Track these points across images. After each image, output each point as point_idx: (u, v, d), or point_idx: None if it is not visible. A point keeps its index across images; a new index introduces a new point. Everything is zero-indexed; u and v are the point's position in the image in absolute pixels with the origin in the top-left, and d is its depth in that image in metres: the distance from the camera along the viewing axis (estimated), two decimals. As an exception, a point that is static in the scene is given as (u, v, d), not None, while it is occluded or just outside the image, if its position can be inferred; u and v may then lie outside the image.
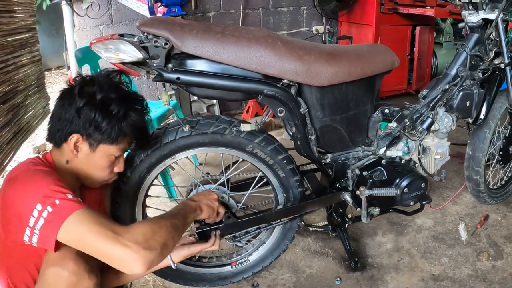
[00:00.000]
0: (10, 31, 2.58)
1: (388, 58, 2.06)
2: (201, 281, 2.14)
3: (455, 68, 2.28)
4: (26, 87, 2.72)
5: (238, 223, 1.95)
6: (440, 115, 2.21)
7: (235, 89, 1.70)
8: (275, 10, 4.98)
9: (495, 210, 2.82)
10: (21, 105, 2.62)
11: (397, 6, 4.83)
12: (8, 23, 2.55)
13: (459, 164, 3.44)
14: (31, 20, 3.00)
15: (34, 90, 2.83)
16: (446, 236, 2.56)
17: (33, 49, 2.98)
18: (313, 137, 1.93)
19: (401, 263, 2.35)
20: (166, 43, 1.57)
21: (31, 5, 3.04)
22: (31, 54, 2.93)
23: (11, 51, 2.54)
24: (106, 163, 1.55)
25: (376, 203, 2.10)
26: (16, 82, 2.58)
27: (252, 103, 4.72)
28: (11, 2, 2.62)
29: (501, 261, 2.34)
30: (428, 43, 5.27)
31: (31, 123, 2.74)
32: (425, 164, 2.27)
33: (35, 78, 2.87)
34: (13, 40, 2.61)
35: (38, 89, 2.90)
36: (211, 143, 1.83)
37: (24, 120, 2.66)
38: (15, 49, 2.61)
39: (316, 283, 2.23)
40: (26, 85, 2.73)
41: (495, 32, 2.32)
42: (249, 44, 1.65)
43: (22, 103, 2.65)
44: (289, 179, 1.99)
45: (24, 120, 2.65)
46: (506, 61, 2.32)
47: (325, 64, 1.78)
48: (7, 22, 2.53)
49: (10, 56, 2.51)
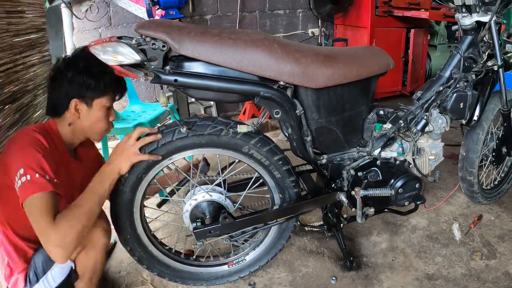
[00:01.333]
0: (19, 31, 2.57)
1: (383, 60, 2.06)
2: (199, 280, 2.14)
3: (449, 70, 2.29)
4: (35, 87, 2.71)
5: (235, 223, 1.95)
6: (434, 116, 2.22)
7: (232, 91, 1.70)
8: (271, 13, 4.98)
9: (489, 210, 2.82)
10: (29, 105, 2.62)
11: (391, 9, 4.83)
12: (17, 23, 2.55)
13: (453, 165, 3.44)
14: (41, 21, 2.98)
15: (43, 89, 2.82)
16: (440, 236, 2.57)
17: (42, 49, 2.96)
18: (309, 138, 1.93)
19: (395, 263, 2.35)
20: (164, 45, 1.57)
21: (41, 6, 3.02)
22: (40, 54, 2.91)
23: (20, 51, 2.53)
24: (102, 114, 1.82)
25: (371, 203, 2.10)
26: (25, 82, 2.57)
27: (249, 105, 4.71)
28: (21, 3, 2.62)
29: (495, 261, 2.34)
30: (423, 45, 5.27)
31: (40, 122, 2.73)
32: (419, 165, 2.27)
33: (44, 78, 2.86)
34: (22, 40, 2.60)
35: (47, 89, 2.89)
36: (208, 144, 1.82)
37: (33, 119, 2.66)
38: (24, 49, 2.61)
39: (312, 282, 2.23)
40: (35, 85, 2.72)
41: (488, 35, 2.32)
42: (246, 47, 1.65)
43: (31, 102, 2.65)
44: (285, 179, 1.99)
45: (32, 120, 2.65)
46: (499, 63, 2.33)
47: (321, 66, 1.78)
48: (16, 22, 2.53)
49: (19, 56, 2.51)
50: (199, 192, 1.96)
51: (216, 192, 1.97)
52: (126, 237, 1.94)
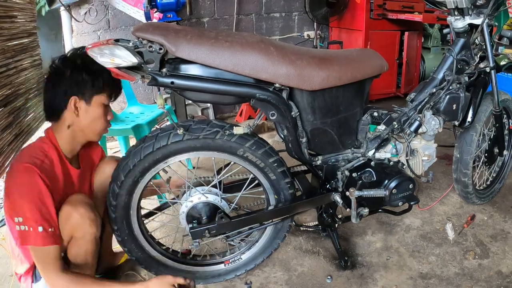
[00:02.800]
0: (11, 35, 2.57)
1: (377, 62, 2.06)
2: (196, 278, 2.13)
3: (442, 72, 2.29)
4: (26, 90, 2.71)
5: (231, 223, 1.94)
6: (428, 118, 2.22)
7: (228, 93, 1.70)
8: (267, 16, 4.98)
9: (482, 210, 2.82)
10: (21, 108, 2.62)
11: (386, 12, 4.84)
12: (9, 28, 2.55)
13: (446, 165, 3.45)
14: (32, 25, 2.99)
15: (35, 93, 2.81)
16: (433, 236, 2.57)
17: (33, 54, 2.97)
18: (304, 139, 1.92)
19: (390, 262, 2.35)
20: (161, 48, 1.57)
21: (32, 10, 3.02)
22: (31, 58, 2.91)
23: (12, 55, 2.53)
24: (101, 111, 1.82)
25: (365, 203, 2.10)
26: (17, 86, 2.57)
27: (245, 106, 4.71)
28: (12, 8, 2.62)
29: (487, 260, 2.34)
30: (416, 47, 5.28)
31: (32, 125, 2.72)
32: (412, 166, 2.27)
33: (36, 82, 2.85)
34: (14, 45, 2.60)
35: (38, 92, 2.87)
36: (203, 147, 1.82)
37: (25, 122, 2.66)
38: (16, 53, 2.60)
39: (308, 281, 2.23)
40: (26, 89, 2.72)
41: (480, 37, 2.33)
42: (242, 49, 1.65)
43: (23, 106, 2.65)
44: (280, 181, 1.98)
45: (25, 123, 2.65)
46: (491, 64, 2.33)
47: (316, 68, 1.78)
48: (8, 27, 2.53)
49: (11, 60, 2.50)
50: (195, 194, 1.95)
51: (212, 193, 1.96)
52: (123, 238, 1.94)
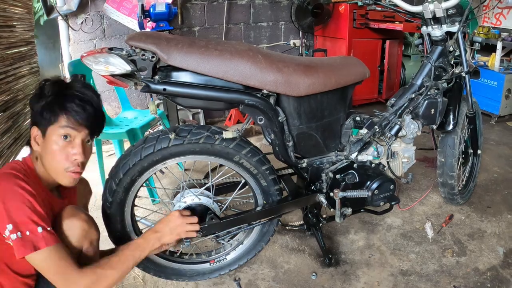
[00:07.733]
0: (10, 44, 2.59)
1: (359, 69, 2.08)
2: (181, 276, 2.12)
3: (420, 78, 2.30)
4: (25, 96, 2.73)
5: (221, 223, 1.94)
6: (407, 122, 2.23)
7: (218, 99, 1.70)
8: (255, 25, 4.98)
9: (459, 210, 2.84)
10: (20, 113, 2.63)
11: (368, 21, 4.86)
12: (8, 37, 2.57)
13: (426, 167, 3.47)
14: (30, 34, 3.01)
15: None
16: (413, 234, 2.58)
17: (31, 61, 2.98)
18: (291, 143, 1.92)
19: (372, 259, 2.36)
20: (153, 56, 1.56)
21: (30, 20, 3.04)
22: (29, 66, 2.93)
23: (11, 63, 2.54)
24: (56, 145, 1.48)
25: (348, 203, 2.10)
26: (16, 92, 2.59)
27: (235, 111, 4.70)
28: (11, 18, 2.62)
29: (465, 257, 2.36)
30: (397, 55, 5.30)
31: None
32: (393, 167, 2.27)
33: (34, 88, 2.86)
34: (13, 53, 2.62)
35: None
36: (202, 152, 1.81)
37: (24, 126, 2.68)
38: (14, 61, 2.62)
39: (294, 278, 2.22)
40: (25, 95, 2.74)
41: (455, 44, 2.34)
42: (231, 57, 1.65)
43: (22, 111, 2.66)
44: (271, 188, 1.99)
45: (23, 127, 2.67)
46: (465, 69, 2.35)
47: (302, 75, 1.79)
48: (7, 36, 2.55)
49: (10, 67, 2.52)
50: (188, 195, 1.94)
51: (204, 195, 1.96)
52: (115, 234, 1.92)
